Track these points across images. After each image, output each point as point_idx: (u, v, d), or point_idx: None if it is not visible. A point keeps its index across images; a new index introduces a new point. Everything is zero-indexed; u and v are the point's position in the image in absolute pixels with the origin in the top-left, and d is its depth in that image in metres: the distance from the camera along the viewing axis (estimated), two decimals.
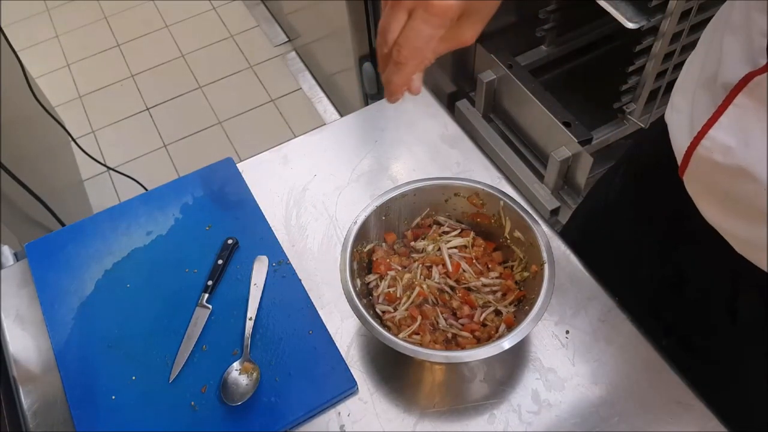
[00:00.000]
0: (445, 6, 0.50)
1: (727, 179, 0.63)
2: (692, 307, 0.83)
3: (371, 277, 0.80)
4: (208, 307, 0.83)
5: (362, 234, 0.79)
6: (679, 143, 0.69)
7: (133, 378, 0.78)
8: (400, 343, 0.69)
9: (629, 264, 0.90)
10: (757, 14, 0.57)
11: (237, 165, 0.98)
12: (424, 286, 0.77)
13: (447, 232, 0.84)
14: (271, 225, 0.91)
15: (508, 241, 0.81)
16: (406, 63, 0.54)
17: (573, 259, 0.86)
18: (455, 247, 0.82)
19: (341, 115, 2.21)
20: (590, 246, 0.87)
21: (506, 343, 0.68)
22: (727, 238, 0.68)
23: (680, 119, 0.70)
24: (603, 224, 0.98)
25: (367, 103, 1.93)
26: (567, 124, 1.39)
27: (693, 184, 0.70)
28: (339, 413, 0.76)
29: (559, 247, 0.87)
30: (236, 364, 0.78)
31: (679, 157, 0.69)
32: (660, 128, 0.79)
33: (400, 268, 0.81)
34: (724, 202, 0.66)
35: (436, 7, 0.50)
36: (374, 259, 0.82)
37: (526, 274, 0.78)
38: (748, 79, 0.58)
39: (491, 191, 0.80)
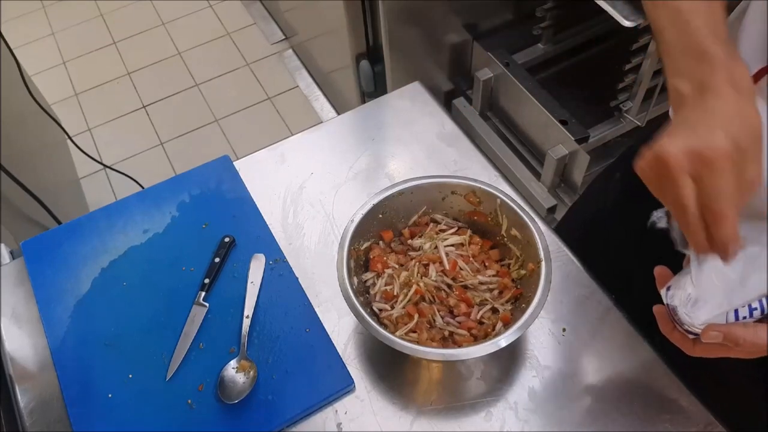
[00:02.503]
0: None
1: None
2: None
3: (368, 275, 0.80)
4: (205, 305, 0.83)
5: (359, 232, 0.79)
6: None
7: (130, 376, 0.78)
8: (397, 341, 0.69)
9: (624, 272, 0.90)
10: None
11: (234, 163, 0.98)
12: (421, 284, 0.77)
13: (444, 230, 0.84)
14: (267, 223, 0.91)
15: (505, 239, 0.81)
16: (726, 213, 0.51)
17: (570, 257, 0.86)
18: (452, 245, 0.82)
19: (338, 113, 2.21)
20: (585, 252, 0.87)
21: (503, 341, 0.69)
22: None
23: None
24: (599, 231, 0.98)
25: (364, 101, 1.93)
26: (564, 122, 1.40)
27: None
28: (336, 411, 0.76)
29: (556, 244, 0.87)
30: (233, 362, 0.77)
31: None
32: (658, 131, 0.78)
33: (397, 266, 0.81)
34: None
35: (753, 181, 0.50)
36: (371, 257, 0.82)
37: (522, 272, 0.78)
38: (760, 74, 0.58)
39: (488, 189, 0.80)
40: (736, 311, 0.55)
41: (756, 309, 0.55)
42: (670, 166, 0.50)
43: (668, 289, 0.59)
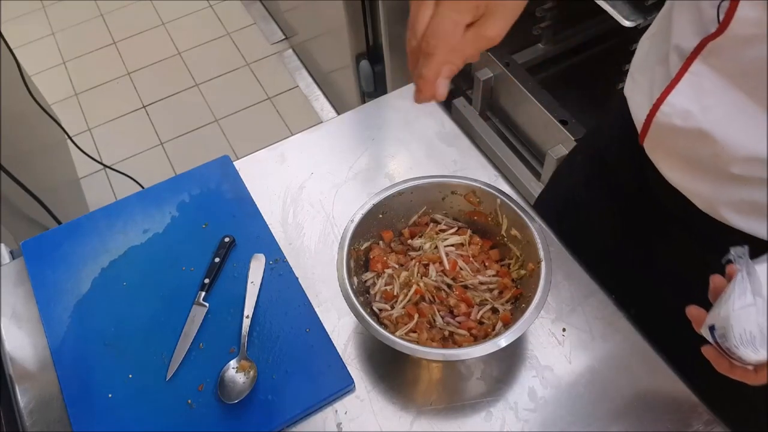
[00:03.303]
0: None
1: (687, 142, 0.67)
2: (661, 281, 0.85)
3: (368, 275, 0.80)
4: (205, 305, 0.83)
5: (359, 232, 0.79)
6: (639, 113, 0.73)
7: (130, 376, 0.78)
8: (397, 341, 0.69)
9: (598, 244, 0.92)
10: None
11: (234, 163, 0.98)
12: (421, 284, 0.77)
13: (444, 230, 0.84)
14: (267, 223, 0.91)
15: (505, 239, 0.81)
16: (434, 53, 0.55)
17: (569, 256, 0.86)
18: (452, 245, 0.82)
19: (338, 113, 2.21)
20: (562, 230, 0.89)
21: (503, 340, 0.69)
22: (691, 198, 0.71)
23: (640, 91, 0.74)
24: (569, 212, 1.00)
25: (364, 101, 1.93)
26: (564, 122, 1.39)
27: (654, 150, 0.73)
28: (336, 411, 0.76)
29: (556, 244, 0.87)
30: (233, 362, 0.77)
31: (639, 126, 0.73)
32: (617, 110, 0.81)
33: (397, 266, 0.81)
34: (685, 164, 0.69)
35: None
36: (371, 257, 0.82)
37: (522, 272, 0.78)
38: (702, 45, 0.62)
39: (488, 189, 0.80)
40: None
41: None
42: None
43: (712, 329, 0.56)
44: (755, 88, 0.59)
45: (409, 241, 0.83)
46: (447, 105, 1.76)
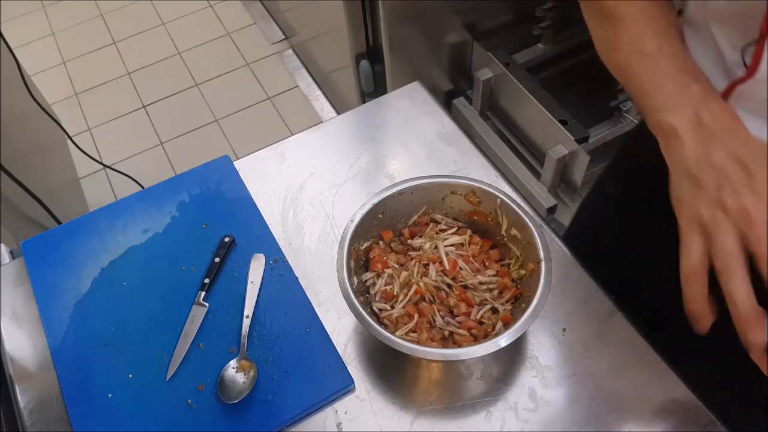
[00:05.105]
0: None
1: None
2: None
3: (368, 275, 0.80)
4: (205, 305, 0.83)
5: (359, 232, 0.79)
6: None
7: (130, 376, 0.78)
8: (397, 341, 0.69)
9: (628, 273, 0.91)
10: (719, 30, 0.60)
11: (234, 163, 0.98)
12: (421, 284, 0.77)
13: (444, 230, 0.84)
14: (267, 223, 0.91)
15: (505, 239, 0.81)
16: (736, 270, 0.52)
17: (569, 256, 0.86)
18: (452, 245, 0.82)
19: (338, 113, 2.21)
20: (594, 256, 0.88)
21: (503, 340, 0.69)
22: None
23: None
24: (602, 234, 0.99)
25: (364, 101, 1.93)
26: (564, 122, 1.40)
27: None
28: (336, 411, 0.76)
29: (556, 244, 0.87)
30: (233, 362, 0.77)
31: None
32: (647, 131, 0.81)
33: (397, 266, 0.81)
34: None
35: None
36: (371, 257, 0.82)
37: (522, 272, 0.78)
38: (731, 88, 0.61)
39: (488, 189, 0.80)
40: None
41: None
42: (726, 264, 0.52)
43: None
44: None
45: (409, 241, 0.83)
46: (447, 105, 1.76)
